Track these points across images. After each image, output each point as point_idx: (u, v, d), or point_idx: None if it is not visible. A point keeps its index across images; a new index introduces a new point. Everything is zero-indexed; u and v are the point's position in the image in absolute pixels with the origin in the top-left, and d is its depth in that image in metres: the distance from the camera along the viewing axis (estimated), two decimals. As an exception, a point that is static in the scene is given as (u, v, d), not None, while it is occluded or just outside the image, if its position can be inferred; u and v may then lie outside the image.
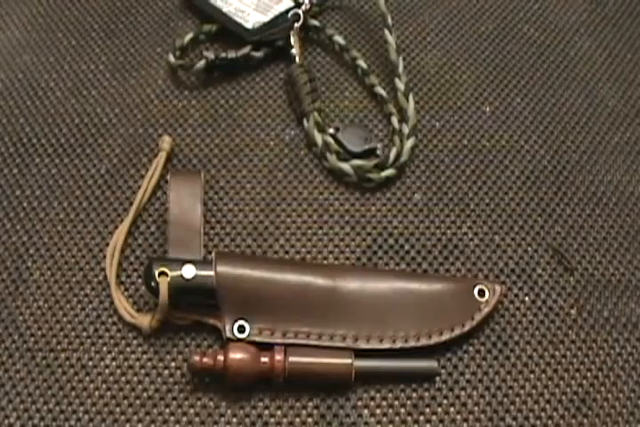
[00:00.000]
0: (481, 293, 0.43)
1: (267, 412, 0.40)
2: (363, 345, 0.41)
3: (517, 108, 0.54)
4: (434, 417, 0.40)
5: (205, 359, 0.39)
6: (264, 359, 0.40)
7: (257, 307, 0.41)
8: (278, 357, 0.40)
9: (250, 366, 0.39)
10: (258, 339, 0.41)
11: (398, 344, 0.41)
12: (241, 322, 0.41)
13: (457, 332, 0.42)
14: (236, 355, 0.39)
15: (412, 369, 0.41)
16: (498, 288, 0.43)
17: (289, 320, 0.41)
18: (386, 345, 0.41)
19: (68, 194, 0.48)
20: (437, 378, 0.42)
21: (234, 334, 0.41)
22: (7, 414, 0.40)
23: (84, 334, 0.42)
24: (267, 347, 0.40)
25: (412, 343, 0.41)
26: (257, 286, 0.41)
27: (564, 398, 0.41)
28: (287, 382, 0.40)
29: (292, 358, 0.40)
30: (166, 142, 0.49)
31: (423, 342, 0.41)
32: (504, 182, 0.50)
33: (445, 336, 0.42)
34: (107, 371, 0.41)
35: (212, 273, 0.41)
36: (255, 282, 0.41)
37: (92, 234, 0.46)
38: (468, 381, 0.42)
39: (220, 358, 0.39)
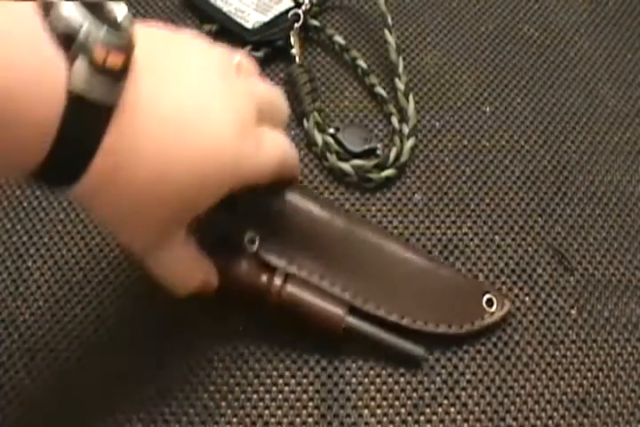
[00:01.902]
0: (489, 302, 0.43)
1: (267, 412, 0.40)
2: (359, 304, 0.41)
3: (517, 108, 0.54)
4: (434, 417, 0.40)
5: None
6: (263, 278, 0.40)
7: (273, 226, 0.41)
8: (277, 280, 0.40)
9: (248, 279, 0.39)
10: (264, 255, 0.40)
11: (393, 317, 0.41)
12: (252, 234, 0.41)
13: (453, 330, 0.42)
14: (240, 261, 0.40)
15: (398, 347, 0.41)
16: (507, 304, 0.43)
17: (298, 249, 0.41)
18: (380, 313, 0.41)
19: (67, 194, 0.48)
20: (437, 378, 0.42)
21: (243, 244, 0.40)
22: (7, 415, 0.40)
23: (84, 333, 0.42)
24: (269, 269, 0.40)
25: (405, 322, 0.41)
26: (279, 206, 0.41)
27: (564, 398, 0.41)
28: (278, 309, 0.40)
29: (290, 288, 0.40)
30: None
31: (418, 325, 0.41)
32: (504, 182, 0.50)
33: (440, 330, 0.42)
34: (107, 371, 0.41)
35: None
36: (279, 202, 0.41)
37: (92, 234, 0.46)
38: (468, 381, 0.42)
39: (222, 263, 0.39)
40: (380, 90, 0.52)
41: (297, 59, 0.53)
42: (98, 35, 0.29)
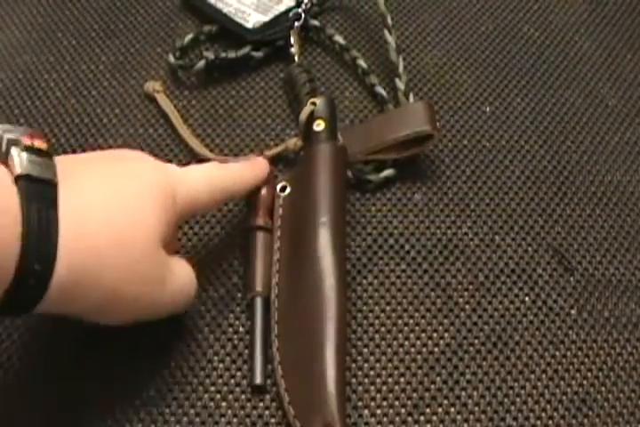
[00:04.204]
0: None
1: (267, 412, 0.40)
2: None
3: (517, 108, 0.54)
4: (434, 417, 0.40)
5: None
6: None
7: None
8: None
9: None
10: None
11: None
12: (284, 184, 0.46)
13: None
14: None
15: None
16: None
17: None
18: None
19: (68, 194, 0.48)
20: (437, 378, 0.42)
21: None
22: (8, 415, 0.40)
23: (85, 334, 0.42)
24: None
25: None
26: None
27: (564, 398, 0.41)
28: None
29: None
30: (157, 85, 0.52)
31: None
32: (504, 182, 0.50)
33: None
34: (107, 371, 0.41)
35: None
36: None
37: (92, 234, 0.46)
38: (468, 381, 0.42)
39: None
40: (380, 90, 0.52)
41: (296, 58, 0.53)
42: (19, 133, 0.33)
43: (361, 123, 0.51)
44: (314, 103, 0.46)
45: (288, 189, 0.45)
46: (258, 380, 0.40)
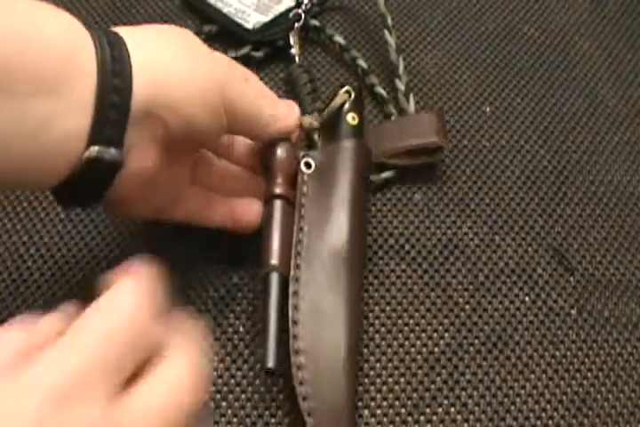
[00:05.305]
0: None
1: (267, 413, 0.40)
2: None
3: (517, 108, 0.54)
4: (434, 417, 0.40)
5: None
6: None
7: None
8: None
9: None
10: None
11: None
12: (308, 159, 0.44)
13: None
14: None
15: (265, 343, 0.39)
16: None
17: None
18: None
19: (68, 194, 0.48)
20: (437, 378, 0.42)
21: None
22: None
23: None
24: None
25: None
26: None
27: (564, 398, 0.41)
28: None
29: None
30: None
31: None
32: (504, 182, 0.50)
33: None
34: (107, 371, 0.41)
35: None
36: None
37: (92, 234, 0.46)
38: (468, 381, 0.42)
39: None
40: (380, 90, 0.52)
41: (297, 59, 0.53)
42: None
43: (372, 127, 0.51)
44: (348, 92, 0.46)
45: (313, 167, 0.43)
46: (270, 363, 0.37)
